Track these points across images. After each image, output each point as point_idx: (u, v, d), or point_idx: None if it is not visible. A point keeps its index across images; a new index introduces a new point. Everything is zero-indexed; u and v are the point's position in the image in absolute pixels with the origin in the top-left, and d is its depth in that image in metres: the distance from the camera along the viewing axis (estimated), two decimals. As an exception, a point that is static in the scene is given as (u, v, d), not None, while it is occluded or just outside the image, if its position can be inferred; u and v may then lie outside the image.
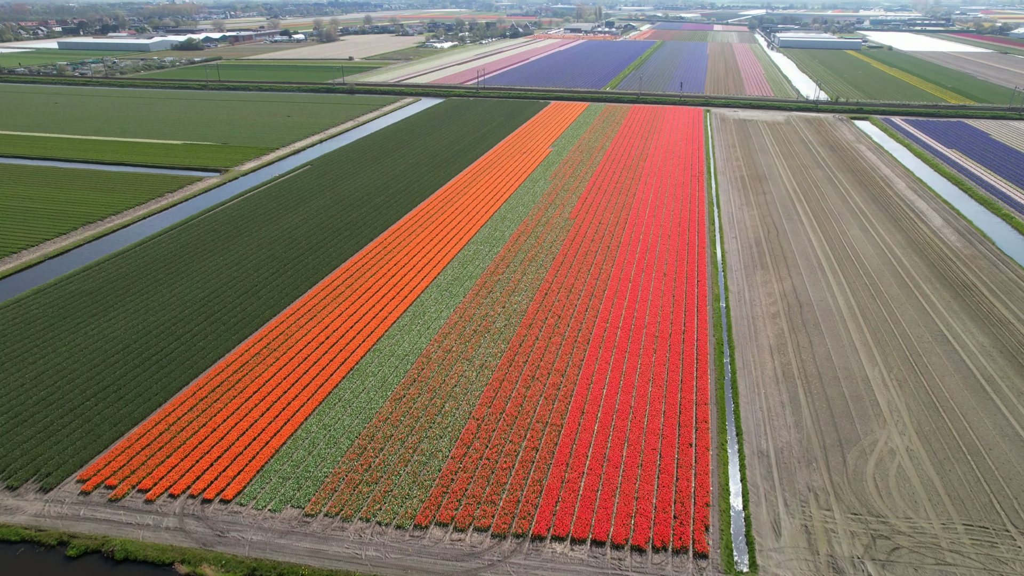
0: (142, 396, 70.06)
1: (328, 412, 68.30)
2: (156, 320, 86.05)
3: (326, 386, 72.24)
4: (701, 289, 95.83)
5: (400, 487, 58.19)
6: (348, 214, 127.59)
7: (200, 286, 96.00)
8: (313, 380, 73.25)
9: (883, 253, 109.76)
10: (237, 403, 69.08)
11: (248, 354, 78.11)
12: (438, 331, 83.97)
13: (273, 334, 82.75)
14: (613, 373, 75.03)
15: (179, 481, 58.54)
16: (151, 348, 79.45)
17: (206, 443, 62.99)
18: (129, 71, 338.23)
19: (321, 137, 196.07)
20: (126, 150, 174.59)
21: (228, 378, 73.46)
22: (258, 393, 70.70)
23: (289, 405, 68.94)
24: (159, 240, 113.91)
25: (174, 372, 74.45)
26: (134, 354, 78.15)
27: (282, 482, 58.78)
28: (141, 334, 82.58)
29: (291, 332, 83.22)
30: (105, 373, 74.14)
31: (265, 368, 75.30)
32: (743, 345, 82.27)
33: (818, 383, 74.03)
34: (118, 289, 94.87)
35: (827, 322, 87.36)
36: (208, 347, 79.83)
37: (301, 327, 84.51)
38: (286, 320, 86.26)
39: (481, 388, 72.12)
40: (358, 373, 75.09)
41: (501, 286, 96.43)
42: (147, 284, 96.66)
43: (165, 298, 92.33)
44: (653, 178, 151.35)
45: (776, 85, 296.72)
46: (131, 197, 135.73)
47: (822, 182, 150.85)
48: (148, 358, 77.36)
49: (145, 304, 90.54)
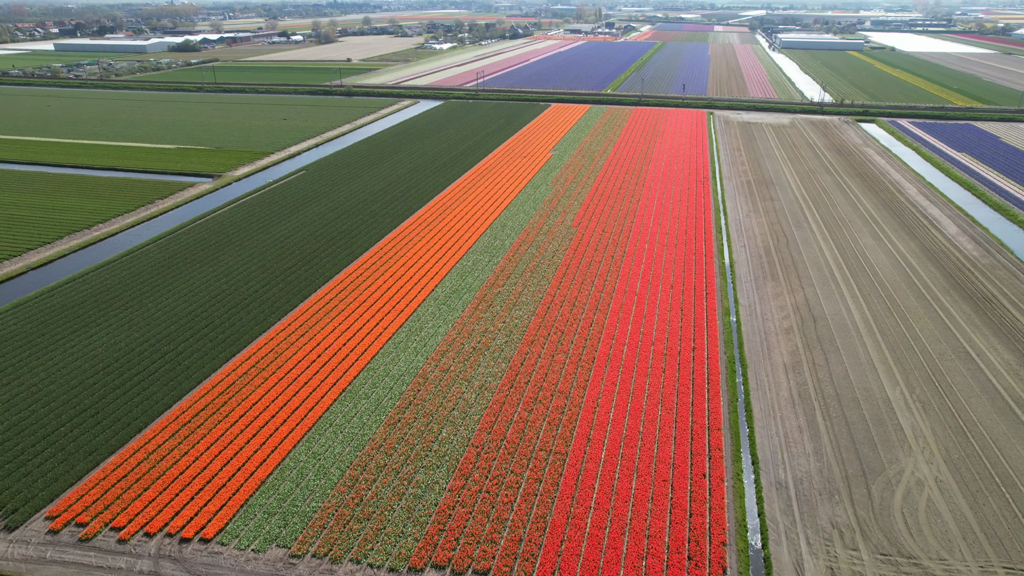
0: (121, 421, 65.99)
1: (318, 439, 64.23)
2: (140, 336, 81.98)
3: (316, 409, 68.16)
4: (710, 302, 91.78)
5: (394, 524, 54.10)
6: (343, 222, 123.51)
7: (187, 299, 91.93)
8: (303, 403, 69.18)
9: (897, 263, 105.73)
10: (221, 428, 65.01)
11: (235, 374, 74.03)
12: (435, 349, 79.89)
13: (262, 352, 78.69)
14: (620, 395, 70.94)
15: (156, 517, 54.44)
16: (133, 367, 75.36)
17: (187, 474, 58.90)
18: (124, 73, 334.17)
19: (317, 141, 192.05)
20: (117, 154, 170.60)
21: (213, 400, 69.39)
22: (244, 418, 66.61)
23: (277, 431, 64.87)
24: (147, 250, 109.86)
25: (156, 394, 70.36)
26: (115, 374, 74.07)
27: (267, 518, 54.68)
28: (123, 352, 78.50)
29: (281, 350, 79.15)
30: (83, 395, 70.08)
31: (252, 390, 71.24)
32: (756, 363, 78.22)
33: (836, 405, 69.96)
34: (101, 303, 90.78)
35: (843, 338, 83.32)
36: (193, 366, 75.76)
37: (292, 344, 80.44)
38: (276, 336, 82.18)
39: (480, 412, 68.03)
40: (351, 395, 71.00)
41: (501, 299, 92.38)
42: (132, 297, 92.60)
43: (150, 312, 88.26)
44: (657, 183, 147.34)
45: (779, 87, 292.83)
46: (120, 204, 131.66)
47: (831, 187, 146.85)
48: (130, 378, 73.27)
49: (129, 319, 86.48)
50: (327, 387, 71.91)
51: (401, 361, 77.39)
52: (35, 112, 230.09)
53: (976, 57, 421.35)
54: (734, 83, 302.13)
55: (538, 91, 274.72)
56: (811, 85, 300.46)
